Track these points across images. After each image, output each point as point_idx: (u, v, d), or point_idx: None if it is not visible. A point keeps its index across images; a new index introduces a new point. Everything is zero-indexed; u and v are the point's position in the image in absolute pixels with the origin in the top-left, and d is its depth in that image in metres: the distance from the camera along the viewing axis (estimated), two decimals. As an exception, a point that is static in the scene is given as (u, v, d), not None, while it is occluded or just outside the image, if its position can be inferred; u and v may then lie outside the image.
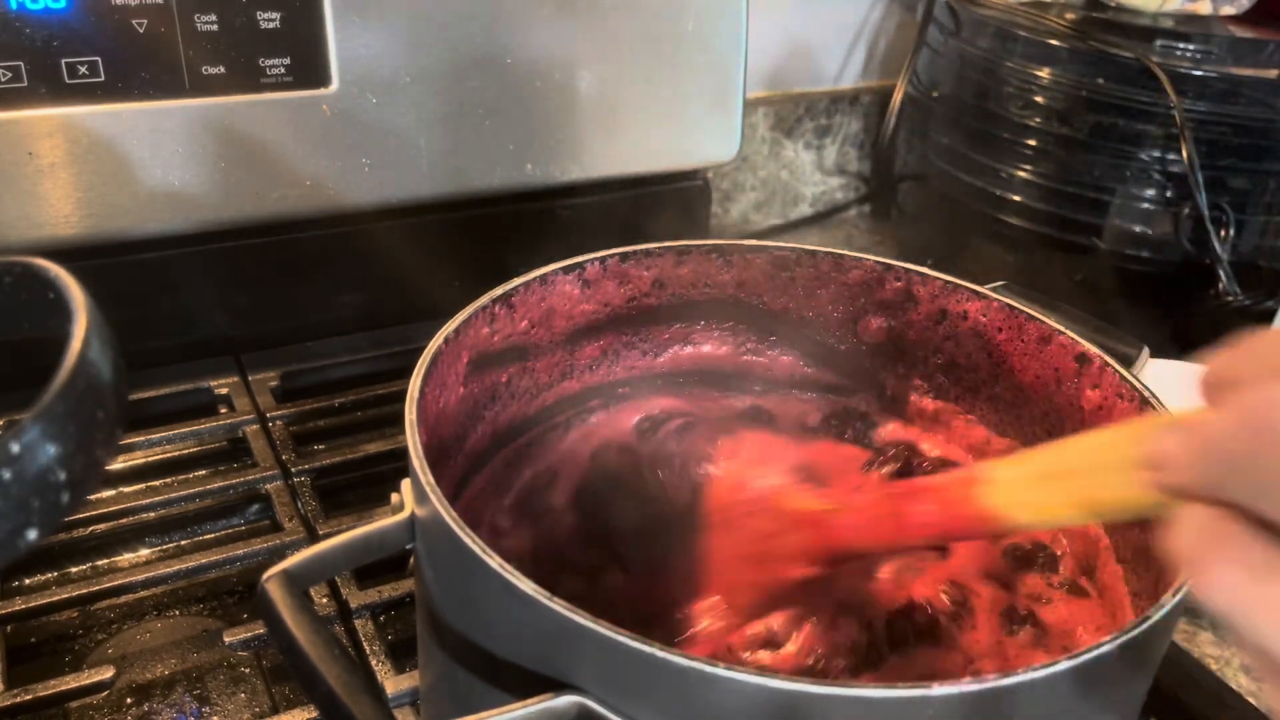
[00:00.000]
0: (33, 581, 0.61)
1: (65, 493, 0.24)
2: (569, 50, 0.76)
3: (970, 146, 0.97)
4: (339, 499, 0.67)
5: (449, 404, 0.47)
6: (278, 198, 0.71)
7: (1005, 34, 0.93)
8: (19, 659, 0.55)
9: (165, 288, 0.72)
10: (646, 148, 0.83)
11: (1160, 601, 0.34)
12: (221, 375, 0.75)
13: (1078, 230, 0.89)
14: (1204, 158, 0.85)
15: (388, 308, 0.80)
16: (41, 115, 0.63)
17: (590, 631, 0.31)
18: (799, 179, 1.16)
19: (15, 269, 0.29)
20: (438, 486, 0.36)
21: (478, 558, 0.33)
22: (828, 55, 1.13)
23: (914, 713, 0.31)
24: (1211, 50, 0.86)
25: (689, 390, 0.59)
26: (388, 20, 0.70)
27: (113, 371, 0.26)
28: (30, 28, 0.61)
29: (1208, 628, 0.64)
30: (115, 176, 0.66)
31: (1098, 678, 0.32)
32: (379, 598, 0.56)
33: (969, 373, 0.54)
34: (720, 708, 0.31)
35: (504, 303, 0.49)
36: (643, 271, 0.54)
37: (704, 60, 0.82)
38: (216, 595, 0.61)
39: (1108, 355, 0.47)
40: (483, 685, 0.36)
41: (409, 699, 0.51)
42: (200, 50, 0.66)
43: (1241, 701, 0.55)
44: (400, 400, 0.40)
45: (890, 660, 0.44)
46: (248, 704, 0.54)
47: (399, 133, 0.73)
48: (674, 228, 0.87)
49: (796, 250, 0.55)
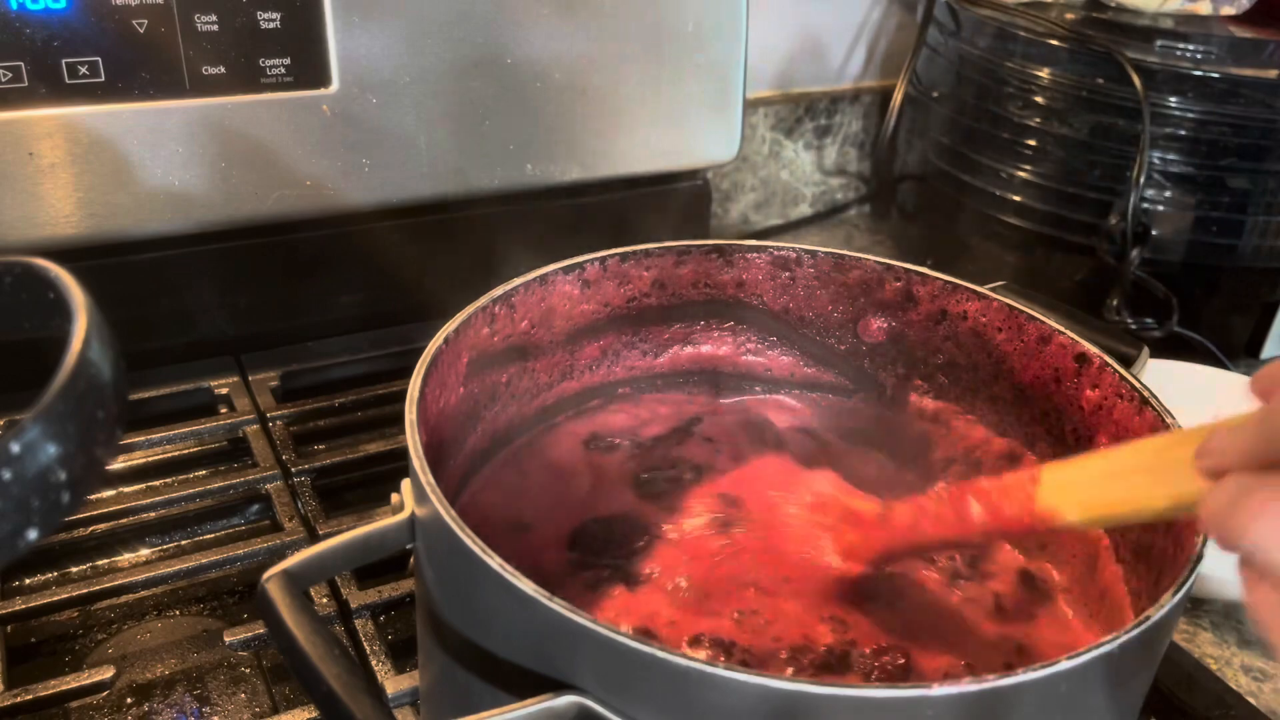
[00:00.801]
0: (33, 581, 0.61)
1: (65, 493, 0.24)
2: (569, 50, 0.76)
3: (970, 146, 0.97)
4: (339, 499, 0.67)
5: (449, 404, 0.47)
6: (278, 198, 0.71)
7: (1005, 34, 0.93)
8: (19, 659, 0.55)
9: (165, 288, 0.72)
10: (646, 148, 0.83)
11: (1160, 601, 0.34)
12: (221, 375, 0.75)
13: (1078, 230, 0.89)
14: (1204, 157, 0.85)
15: (388, 308, 0.80)
16: (41, 115, 0.63)
17: (590, 631, 0.31)
18: (799, 179, 1.16)
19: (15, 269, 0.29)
20: (438, 486, 0.36)
21: (478, 558, 0.33)
22: (828, 55, 1.13)
23: (914, 713, 0.31)
24: (1211, 50, 0.86)
25: (689, 390, 0.59)
26: (388, 20, 0.70)
27: (113, 371, 0.26)
28: (30, 28, 0.61)
29: (1208, 628, 0.64)
30: (115, 176, 0.66)
31: (1098, 678, 0.32)
32: (379, 598, 0.56)
33: (969, 373, 0.54)
34: (720, 708, 0.31)
35: (504, 303, 0.49)
36: (643, 271, 0.54)
37: (704, 60, 0.82)
38: (216, 595, 0.61)
39: (1107, 355, 0.47)
40: (483, 685, 0.36)
41: (409, 699, 0.51)
42: (200, 50, 0.66)
43: (1241, 701, 0.55)
44: (400, 400, 0.40)
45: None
46: (248, 704, 0.54)
47: (399, 133, 0.73)
48: (674, 228, 0.87)
49: (796, 250, 0.55)
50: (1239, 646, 0.62)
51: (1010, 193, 0.94)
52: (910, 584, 0.48)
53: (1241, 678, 0.60)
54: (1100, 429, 0.48)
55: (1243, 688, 0.59)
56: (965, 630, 0.46)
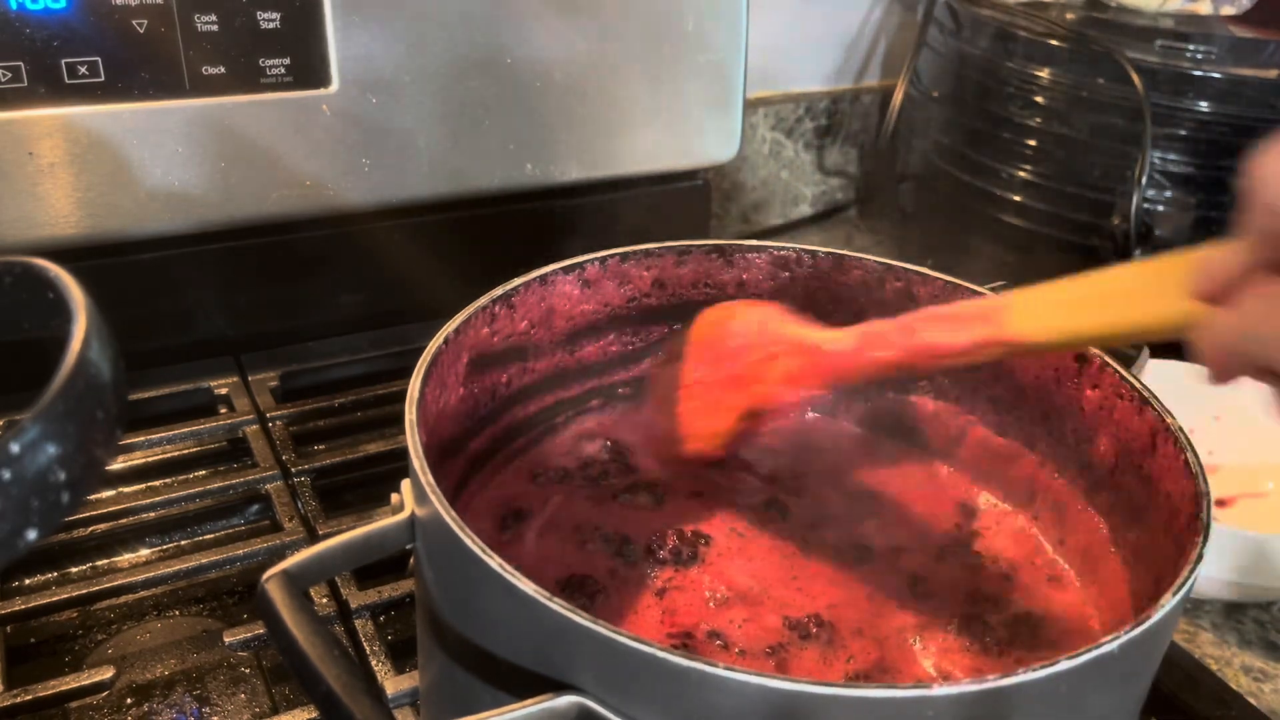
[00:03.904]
0: (33, 581, 0.61)
1: (65, 493, 0.24)
2: (569, 50, 0.76)
3: (970, 146, 0.97)
4: (339, 499, 0.67)
5: (449, 404, 0.47)
6: (278, 198, 0.71)
7: (1005, 34, 0.93)
8: (19, 659, 0.55)
9: (165, 288, 0.72)
10: (646, 148, 0.83)
11: (1160, 602, 0.34)
12: (221, 375, 0.75)
13: (1078, 230, 0.89)
14: (1204, 158, 0.85)
15: (388, 308, 0.80)
16: (41, 115, 0.63)
17: (590, 631, 0.31)
18: (799, 179, 1.16)
19: (15, 269, 0.29)
20: (438, 486, 0.36)
21: (478, 558, 0.33)
22: (828, 55, 1.13)
23: (914, 713, 0.31)
24: (1211, 50, 0.86)
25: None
26: (388, 20, 0.70)
27: (113, 371, 0.26)
28: (30, 28, 0.61)
29: (1208, 628, 0.64)
30: (115, 176, 0.66)
31: (1098, 678, 0.32)
32: (379, 598, 0.56)
33: (969, 373, 0.54)
34: (720, 708, 0.31)
35: (504, 303, 0.49)
36: (643, 271, 0.54)
37: (704, 60, 0.82)
38: (216, 595, 0.61)
39: (1107, 355, 0.47)
40: (483, 685, 0.36)
41: (409, 699, 0.51)
42: (200, 50, 0.66)
43: (1241, 701, 0.55)
44: (400, 400, 0.40)
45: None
46: (248, 704, 0.54)
47: (399, 133, 0.73)
48: (674, 228, 0.87)
49: (797, 250, 0.55)
50: (1239, 647, 0.62)
51: (1010, 193, 0.94)
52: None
53: (1242, 678, 0.60)
54: (1101, 429, 0.48)
55: (1243, 688, 0.59)
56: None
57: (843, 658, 0.44)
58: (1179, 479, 0.41)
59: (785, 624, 0.45)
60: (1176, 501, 0.41)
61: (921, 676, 0.43)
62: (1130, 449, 0.46)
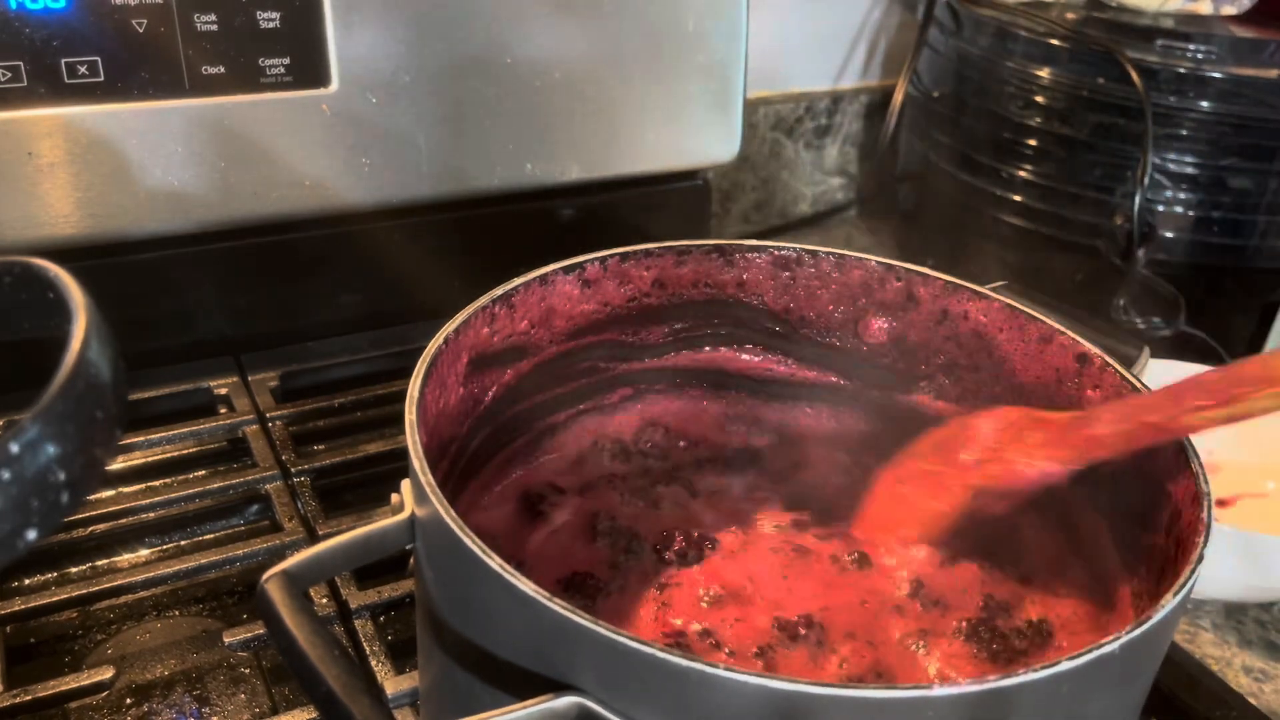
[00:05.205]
0: (33, 581, 0.61)
1: (65, 493, 0.24)
2: (569, 50, 0.76)
3: (970, 146, 0.97)
4: (339, 499, 0.67)
5: (449, 404, 0.46)
6: (278, 198, 0.71)
7: (1005, 34, 0.93)
8: (19, 659, 0.55)
9: (165, 288, 0.72)
10: (646, 148, 0.83)
11: (1161, 602, 0.34)
12: (221, 375, 0.74)
13: (1078, 230, 0.89)
14: (1205, 158, 0.85)
15: (388, 308, 0.80)
16: (41, 115, 0.63)
17: (590, 632, 0.31)
18: (799, 179, 1.16)
19: (15, 269, 0.29)
20: (438, 486, 0.36)
21: (478, 558, 0.33)
22: (828, 55, 1.13)
23: (914, 713, 0.30)
24: (1212, 50, 0.86)
25: (689, 391, 0.58)
26: (388, 20, 0.70)
27: (113, 371, 0.26)
28: (30, 28, 0.61)
29: (1208, 628, 0.64)
30: (115, 176, 0.66)
31: (1098, 678, 0.32)
32: (379, 598, 0.56)
33: (970, 373, 0.54)
34: (720, 708, 0.31)
35: (504, 303, 0.49)
36: (643, 271, 0.54)
37: (704, 60, 0.82)
38: (216, 595, 0.61)
39: (1108, 355, 0.47)
40: (483, 685, 0.36)
41: (409, 699, 0.51)
42: (200, 50, 0.66)
43: (1241, 701, 0.55)
44: (400, 400, 0.40)
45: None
46: (247, 704, 0.54)
47: (399, 133, 0.73)
48: (674, 228, 0.87)
49: (797, 250, 0.55)
50: (1239, 647, 0.62)
51: (1011, 192, 0.94)
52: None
53: (1242, 678, 0.60)
54: (1101, 429, 0.47)
55: (1243, 688, 0.59)
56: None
57: (834, 661, 0.43)
58: (1179, 479, 0.41)
59: (775, 625, 0.45)
60: (1177, 501, 0.41)
61: (924, 681, 0.43)
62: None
